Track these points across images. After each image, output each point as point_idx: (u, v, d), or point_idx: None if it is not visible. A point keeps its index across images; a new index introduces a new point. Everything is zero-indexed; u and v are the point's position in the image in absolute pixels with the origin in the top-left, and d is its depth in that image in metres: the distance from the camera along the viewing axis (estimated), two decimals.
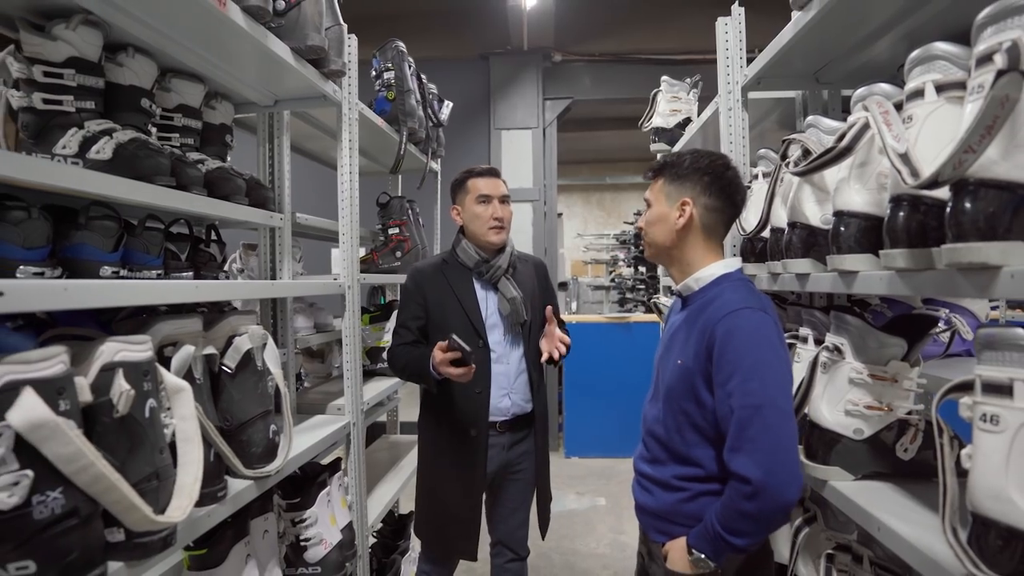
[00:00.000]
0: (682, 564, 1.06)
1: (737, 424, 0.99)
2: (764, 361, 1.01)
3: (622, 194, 10.26)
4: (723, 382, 1.02)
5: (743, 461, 0.97)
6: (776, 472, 0.95)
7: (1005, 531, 0.61)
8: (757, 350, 1.01)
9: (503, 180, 1.72)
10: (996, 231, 0.64)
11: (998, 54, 0.62)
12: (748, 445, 0.97)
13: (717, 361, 1.03)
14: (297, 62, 1.33)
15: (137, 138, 1.10)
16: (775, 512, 0.97)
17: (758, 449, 0.96)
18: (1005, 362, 0.63)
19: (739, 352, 1.01)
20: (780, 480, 0.95)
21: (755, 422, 0.97)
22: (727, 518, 0.99)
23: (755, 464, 0.96)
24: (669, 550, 1.10)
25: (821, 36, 1.22)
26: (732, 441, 1.00)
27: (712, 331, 1.04)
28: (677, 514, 1.12)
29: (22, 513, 0.67)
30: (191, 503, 0.84)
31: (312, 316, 1.94)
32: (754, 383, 0.99)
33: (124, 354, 0.83)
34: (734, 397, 1.00)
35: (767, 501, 0.95)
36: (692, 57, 4.17)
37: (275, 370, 1.18)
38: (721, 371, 1.03)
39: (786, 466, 0.96)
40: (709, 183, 1.13)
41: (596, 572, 2.64)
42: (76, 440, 0.70)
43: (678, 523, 1.11)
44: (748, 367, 1.00)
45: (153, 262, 1.21)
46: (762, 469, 0.95)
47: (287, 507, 1.41)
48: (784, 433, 0.97)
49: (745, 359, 1.01)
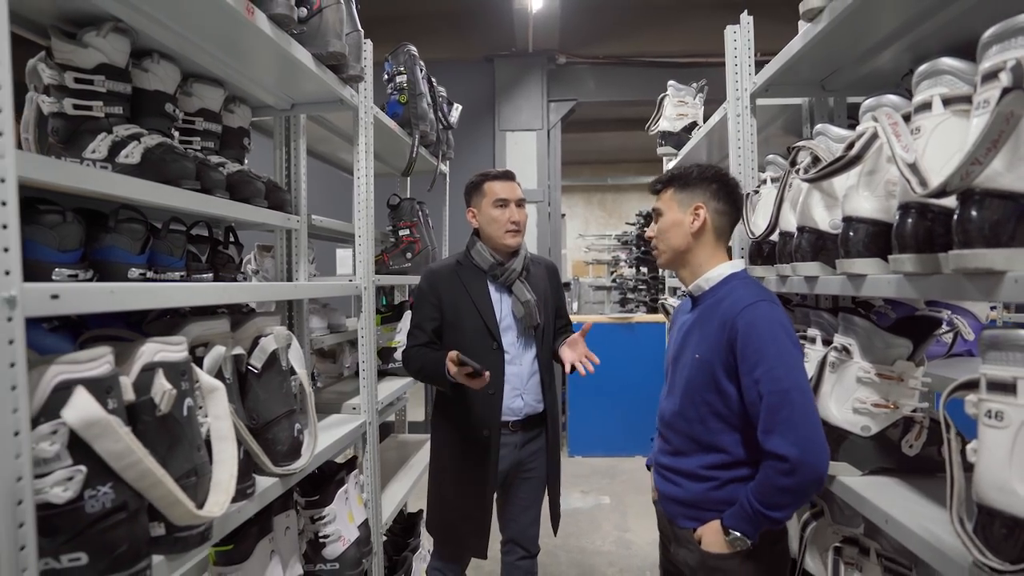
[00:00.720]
0: (719, 545, 1.13)
1: (768, 408, 1.07)
2: (786, 349, 1.10)
3: (623, 195, 10.30)
4: (749, 371, 1.10)
5: (777, 441, 1.05)
6: (809, 448, 1.03)
7: (1009, 520, 0.65)
8: (778, 339, 1.10)
9: (518, 183, 1.73)
10: (1001, 238, 0.68)
11: (1003, 72, 0.65)
12: (781, 426, 1.05)
13: (742, 352, 1.11)
14: (318, 68, 1.36)
15: (164, 142, 1.14)
16: (812, 484, 1.05)
17: (790, 429, 1.04)
18: (1009, 362, 0.67)
19: (763, 341, 1.09)
20: (813, 455, 1.03)
21: (785, 405, 1.05)
22: (765, 495, 1.07)
23: (789, 443, 1.03)
24: (704, 533, 1.17)
25: (829, 46, 1.25)
26: (765, 424, 1.07)
27: (733, 324, 1.12)
28: (708, 501, 1.18)
29: (75, 507, 0.70)
30: (228, 498, 0.87)
31: (326, 317, 1.97)
32: (780, 370, 1.07)
33: (163, 354, 0.87)
34: (762, 384, 1.07)
35: (804, 474, 1.03)
36: (696, 60, 4.21)
37: (300, 370, 1.21)
38: (746, 360, 1.10)
39: (816, 441, 1.04)
40: (717, 189, 1.23)
41: (602, 569, 2.68)
42: (126, 437, 0.73)
43: (709, 509, 1.18)
44: (773, 355, 1.08)
45: (176, 264, 1.24)
46: (797, 447, 1.03)
47: (306, 504, 1.45)
48: (811, 411, 1.06)
49: (769, 348, 1.09)
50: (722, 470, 1.17)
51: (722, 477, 1.17)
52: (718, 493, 1.18)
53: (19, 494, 0.62)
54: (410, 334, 1.72)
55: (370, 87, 1.71)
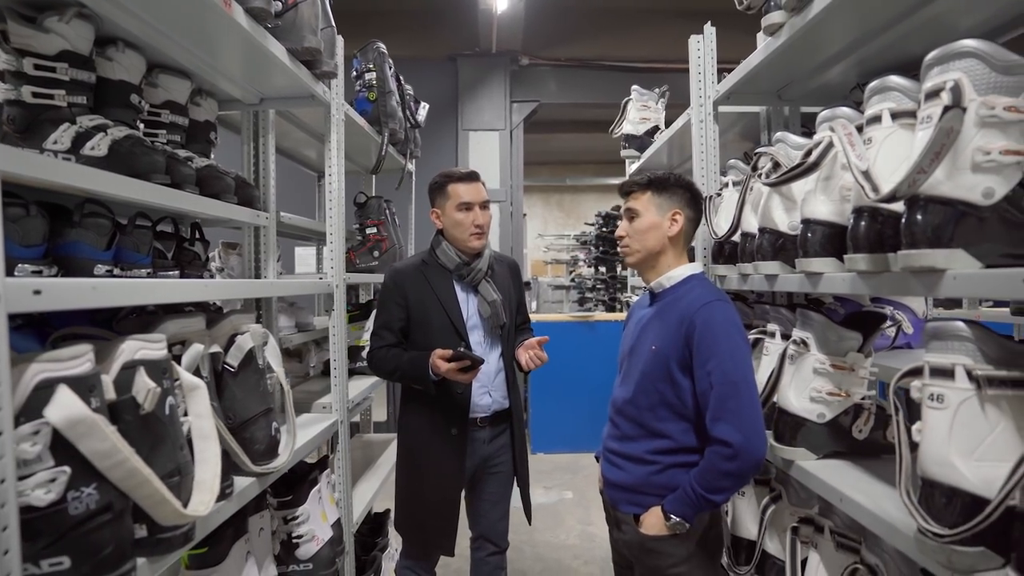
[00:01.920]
0: (658, 528, 1.22)
1: (717, 398, 1.15)
2: (736, 345, 1.20)
3: (581, 195, 10.48)
4: (703, 363, 1.18)
5: (724, 428, 1.14)
6: (751, 436, 1.13)
7: (948, 491, 0.73)
8: (731, 336, 1.20)
9: (483, 183, 1.72)
10: (942, 240, 0.76)
11: (944, 92, 0.73)
12: (728, 414, 1.14)
13: (697, 345, 1.19)
14: (292, 64, 1.35)
15: (132, 135, 1.10)
16: (751, 468, 1.15)
17: (736, 417, 1.13)
18: (948, 350, 0.75)
19: (717, 337, 1.18)
20: (755, 442, 1.13)
21: (733, 395, 1.14)
22: (708, 479, 1.16)
23: (735, 430, 1.13)
24: (645, 518, 1.25)
25: (786, 60, 1.35)
26: (713, 412, 1.16)
27: (691, 320, 1.20)
28: (648, 485, 1.26)
29: (58, 509, 0.68)
30: (213, 497, 0.86)
31: (294, 315, 1.94)
32: (730, 363, 1.16)
33: (144, 352, 0.85)
34: (714, 375, 1.16)
35: (746, 460, 1.13)
36: (654, 66, 4.35)
37: (277, 368, 1.20)
38: (700, 354, 1.19)
39: (758, 430, 1.14)
40: (690, 198, 1.32)
41: (567, 562, 2.74)
42: (112, 436, 0.72)
43: (649, 494, 1.26)
44: (725, 350, 1.17)
45: (143, 261, 1.21)
46: (741, 434, 1.12)
47: (278, 505, 1.43)
48: (755, 403, 1.16)
49: (722, 343, 1.18)
50: (665, 455, 1.26)
51: (664, 462, 1.26)
52: (659, 477, 1.26)
53: (2, 497, 0.60)
54: (375, 335, 1.69)
55: (341, 84, 1.69)
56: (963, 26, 1.18)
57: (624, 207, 1.35)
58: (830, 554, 1.11)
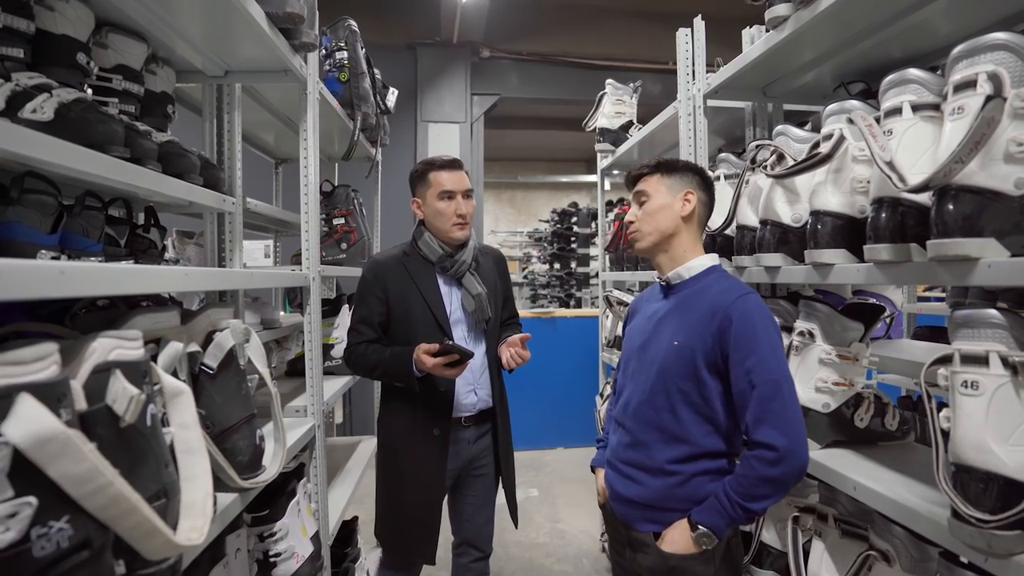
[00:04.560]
0: (684, 543, 1.11)
1: (760, 398, 1.06)
2: (776, 341, 1.10)
3: (533, 193, 10.49)
4: (741, 360, 1.08)
5: (768, 431, 1.05)
6: (796, 439, 1.04)
7: (984, 476, 0.74)
8: (770, 331, 1.11)
9: (466, 171, 1.66)
10: (974, 229, 0.77)
11: (983, 83, 0.74)
12: (771, 416, 1.05)
13: (735, 341, 1.09)
14: (271, 30, 1.22)
15: (83, 99, 0.95)
16: (795, 474, 1.05)
17: (781, 419, 1.04)
18: (981, 337, 0.76)
19: (756, 332, 1.08)
20: (800, 446, 1.05)
21: (777, 395, 1.05)
22: (747, 486, 1.06)
23: (780, 432, 1.04)
24: (667, 534, 1.14)
25: (778, 56, 1.36)
26: (756, 413, 1.06)
27: (726, 313, 1.10)
28: (670, 499, 1.15)
29: (19, 551, 0.53)
30: (206, 522, 0.74)
31: (258, 312, 1.79)
32: (773, 361, 1.07)
33: (120, 352, 0.72)
34: (755, 374, 1.06)
35: (790, 464, 1.04)
36: (616, 64, 4.39)
37: (262, 368, 1.08)
38: (739, 350, 1.09)
39: (802, 433, 1.06)
40: (701, 181, 1.25)
41: (540, 561, 2.71)
42: (91, 456, 0.59)
43: (670, 509, 1.15)
44: (766, 346, 1.08)
45: (93, 247, 1.06)
46: (786, 437, 1.04)
47: (253, 521, 1.30)
48: (798, 404, 1.08)
49: (763, 339, 1.08)
50: (687, 463, 1.15)
51: (686, 472, 1.14)
52: (682, 490, 1.14)
53: None
54: (353, 330, 1.60)
55: (315, 60, 1.57)
56: (943, 31, 1.23)
57: (633, 193, 1.28)
58: (835, 542, 1.13)
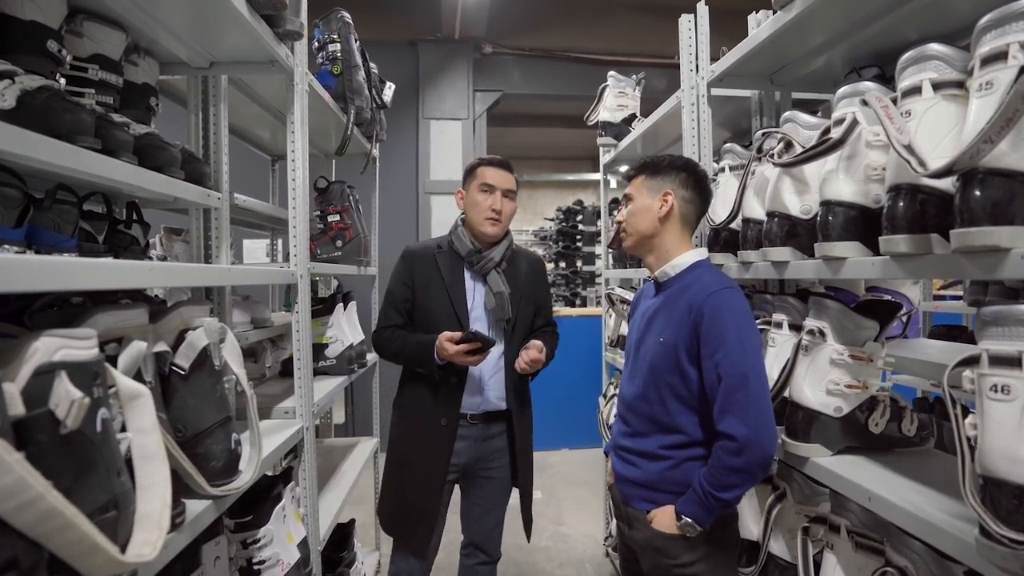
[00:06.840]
0: (668, 526, 1.17)
1: (725, 390, 1.10)
2: (746, 335, 1.14)
3: (538, 191, 10.41)
4: (711, 354, 1.13)
5: (731, 421, 1.09)
6: (759, 429, 1.07)
7: (1017, 490, 0.66)
8: (740, 325, 1.14)
9: (514, 175, 1.69)
10: (1005, 216, 0.70)
11: (1018, 52, 0.67)
12: (735, 407, 1.09)
13: (705, 335, 1.14)
14: (251, 16, 1.17)
15: (49, 86, 0.90)
16: (760, 463, 1.09)
17: (743, 410, 1.08)
18: (1013, 336, 0.69)
19: (725, 326, 1.13)
20: (762, 435, 1.07)
21: (741, 387, 1.09)
22: (716, 476, 1.10)
23: (741, 423, 1.08)
24: (656, 515, 1.20)
25: (786, 40, 1.28)
26: (721, 405, 1.11)
27: (699, 309, 1.15)
28: (663, 481, 1.22)
29: None
30: (161, 535, 0.69)
31: (248, 310, 1.74)
32: (738, 354, 1.11)
33: (66, 352, 0.66)
34: (722, 367, 1.11)
35: (753, 454, 1.07)
36: (620, 59, 4.31)
37: (237, 369, 1.02)
38: (708, 344, 1.13)
39: (766, 423, 1.09)
40: (686, 178, 1.26)
41: (542, 565, 2.64)
42: (17, 467, 0.53)
43: (664, 490, 1.21)
44: (733, 340, 1.11)
45: (66, 243, 1.01)
46: (748, 427, 1.07)
47: (235, 527, 1.25)
48: (764, 395, 1.11)
49: (731, 333, 1.12)
50: (678, 449, 1.21)
51: (678, 456, 1.21)
52: (673, 473, 1.21)
53: None
54: (382, 314, 1.70)
55: (304, 50, 1.51)
56: (964, 9, 1.15)
57: (624, 193, 1.31)
58: (849, 556, 1.05)
